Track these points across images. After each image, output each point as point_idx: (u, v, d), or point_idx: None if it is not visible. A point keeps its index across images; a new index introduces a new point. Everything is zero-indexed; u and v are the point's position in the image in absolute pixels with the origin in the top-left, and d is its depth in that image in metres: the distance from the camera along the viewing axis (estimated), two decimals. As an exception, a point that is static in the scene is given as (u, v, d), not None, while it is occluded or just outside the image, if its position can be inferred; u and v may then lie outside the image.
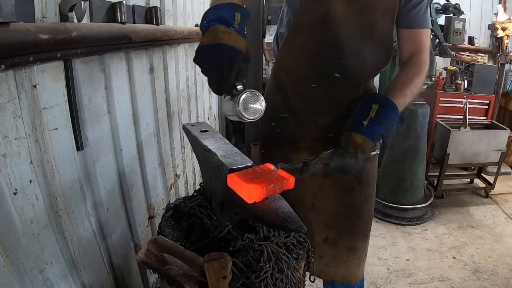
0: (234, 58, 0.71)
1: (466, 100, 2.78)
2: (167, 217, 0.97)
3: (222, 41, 0.71)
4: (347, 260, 1.24)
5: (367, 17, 0.98)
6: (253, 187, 0.68)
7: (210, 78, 0.74)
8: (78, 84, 0.90)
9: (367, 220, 1.24)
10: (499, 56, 3.59)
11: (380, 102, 0.90)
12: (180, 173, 1.78)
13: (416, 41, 1.05)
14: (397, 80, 1.02)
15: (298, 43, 1.05)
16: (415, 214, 2.67)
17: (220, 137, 0.98)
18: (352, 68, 1.03)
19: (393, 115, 0.90)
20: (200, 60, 0.73)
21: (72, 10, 0.81)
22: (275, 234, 0.88)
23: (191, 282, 0.75)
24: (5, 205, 0.68)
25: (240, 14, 0.75)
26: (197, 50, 0.73)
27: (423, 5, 1.02)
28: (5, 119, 0.68)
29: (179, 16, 1.70)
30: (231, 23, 0.73)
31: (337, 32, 0.98)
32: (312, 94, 1.08)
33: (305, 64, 1.06)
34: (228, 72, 0.71)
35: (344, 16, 0.97)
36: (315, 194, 1.18)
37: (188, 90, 1.88)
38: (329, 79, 1.05)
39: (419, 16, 1.02)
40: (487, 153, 2.85)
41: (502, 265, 2.20)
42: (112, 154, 1.11)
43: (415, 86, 0.99)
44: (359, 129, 0.88)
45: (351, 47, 1.00)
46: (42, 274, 0.78)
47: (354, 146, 0.87)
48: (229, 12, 0.74)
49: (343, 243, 1.22)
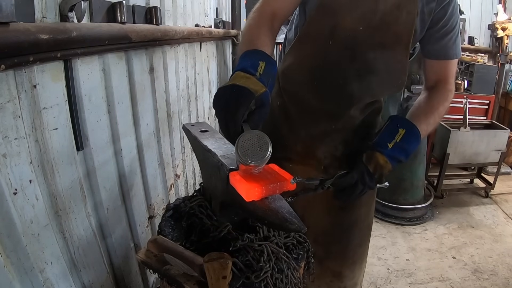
0: (243, 97, 0.66)
1: (466, 100, 2.78)
2: (167, 217, 0.97)
3: (237, 82, 0.67)
4: (330, 284, 1.18)
5: (377, 37, 0.92)
6: (252, 186, 0.68)
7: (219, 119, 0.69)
8: (78, 84, 0.90)
9: (357, 246, 1.18)
10: (499, 56, 3.59)
11: (407, 128, 0.87)
12: (180, 173, 1.78)
13: (443, 72, 1.00)
14: (423, 107, 0.98)
15: (303, 51, 1.00)
16: (415, 214, 2.67)
17: (220, 137, 0.98)
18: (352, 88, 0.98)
19: (416, 144, 0.88)
20: (214, 102, 0.69)
21: (72, 10, 0.81)
22: (275, 234, 0.88)
23: (191, 282, 0.75)
24: (5, 205, 0.68)
25: (264, 64, 0.72)
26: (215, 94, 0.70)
27: (454, 35, 0.94)
28: (5, 119, 0.68)
29: (179, 16, 1.70)
30: (252, 72, 0.70)
31: (343, 47, 0.93)
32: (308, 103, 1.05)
33: (306, 73, 1.02)
34: (235, 110, 0.65)
35: (352, 33, 0.92)
36: (305, 207, 1.11)
37: (188, 90, 1.88)
38: (326, 92, 1.01)
39: (450, 46, 0.96)
40: (487, 153, 2.85)
41: (502, 265, 2.20)
42: (112, 154, 1.11)
43: (438, 115, 0.97)
44: (384, 150, 0.85)
45: (355, 66, 0.95)
46: (42, 274, 0.78)
47: (375, 165, 0.85)
48: (253, 61, 0.72)
49: (328, 265, 1.16)
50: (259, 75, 0.71)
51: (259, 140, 0.65)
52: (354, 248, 1.18)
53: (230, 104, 0.66)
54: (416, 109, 0.99)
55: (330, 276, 1.18)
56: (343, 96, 1.01)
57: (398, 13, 0.90)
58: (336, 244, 1.16)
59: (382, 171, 0.86)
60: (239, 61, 0.74)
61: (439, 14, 0.92)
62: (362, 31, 0.91)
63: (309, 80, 1.02)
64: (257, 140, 0.65)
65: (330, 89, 1.00)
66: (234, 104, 0.65)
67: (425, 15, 0.93)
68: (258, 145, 0.64)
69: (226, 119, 0.66)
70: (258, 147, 0.64)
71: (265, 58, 0.74)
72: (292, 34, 1.11)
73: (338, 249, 1.16)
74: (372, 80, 0.97)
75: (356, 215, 1.15)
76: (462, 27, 3.02)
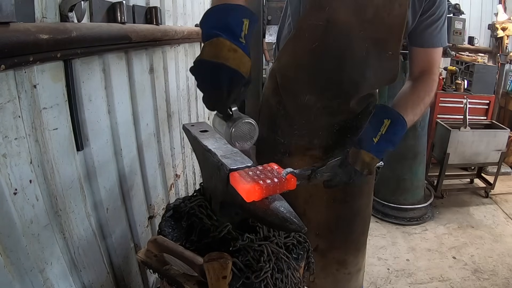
0: (235, 83, 0.64)
1: (466, 100, 2.78)
2: (167, 217, 0.97)
3: (226, 62, 0.62)
4: (336, 274, 1.21)
5: (371, 30, 0.94)
6: (253, 187, 0.68)
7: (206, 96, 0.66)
8: (78, 84, 0.90)
9: (360, 234, 1.21)
10: (499, 56, 3.60)
11: (392, 118, 0.87)
12: (180, 173, 1.78)
13: (428, 60, 1.02)
14: (409, 97, 0.99)
15: (298, 47, 0.99)
16: (415, 214, 2.67)
17: (220, 137, 0.98)
18: (348, 81, 1.00)
19: (402, 134, 0.88)
20: (198, 75, 0.65)
21: (72, 10, 0.81)
22: (275, 234, 0.88)
23: (191, 282, 0.75)
24: (5, 205, 0.68)
25: (248, 22, 0.64)
26: (196, 62, 0.64)
27: (440, 23, 0.97)
28: (5, 119, 0.68)
29: (179, 16, 1.70)
30: (237, 35, 0.63)
31: (337, 42, 0.95)
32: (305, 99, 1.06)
33: (301, 69, 1.02)
34: (227, 96, 0.64)
35: (346, 27, 0.93)
36: (307, 201, 1.15)
37: (188, 90, 1.88)
38: (323, 87, 1.03)
39: (434, 35, 0.98)
40: (487, 153, 2.85)
41: (502, 265, 2.20)
42: (112, 154, 1.11)
43: (424, 105, 0.98)
44: (368, 147, 0.86)
45: (350, 59, 0.96)
46: (42, 274, 0.78)
47: (362, 164, 0.86)
48: (237, 19, 0.63)
49: (333, 255, 1.19)
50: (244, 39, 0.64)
51: (249, 128, 0.72)
52: (358, 237, 1.20)
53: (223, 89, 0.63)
54: (402, 99, 0.99)
55: (335, 265, 1.20)
56: (339, 90, 1.02)
57: (391, 6, 0.92)
58: (339, 235, 1.18)
59: (369, 167, 0.87)
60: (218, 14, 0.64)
61: (429, 4, 0.95)
62: (355, 25, 0.92)
63: (306, 76, 1.03)
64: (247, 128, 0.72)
65: (327, 84, 1.01)
66: (227, 90, 0.63)
67: (416, 6, 0.95)
68: (249, 133, 0.73)
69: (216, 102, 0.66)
70: (247, 132, 0.72)
71: (248, 15, 0.65)
72: (286, 31, 1.12)
73: (341, 239, 1.19)
74: (367, 73, 0.99)
75: (357, 206, 1.17)
76: (462, 27, 3.01)
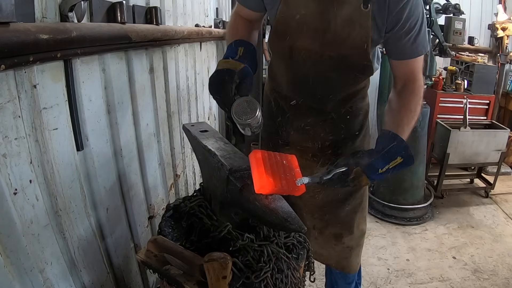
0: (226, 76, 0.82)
1: (466, 100, 2.78)
2: (167, 217, 0.97)
3: (219, 67, 0.84)
4: (335, 247, 1.30)
5: (332, 50, 0.98)
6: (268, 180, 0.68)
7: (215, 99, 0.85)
8: (78, 84, 0.90)
9: (351, 212, 1.27)
10: (499, 56, 3.60)
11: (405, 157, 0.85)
12: (180, 173, 1.78)
13: (409, 70, 1.00)
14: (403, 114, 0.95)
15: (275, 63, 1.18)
16: (415, 214, 2.67)
17: (220, 137, 0.98)
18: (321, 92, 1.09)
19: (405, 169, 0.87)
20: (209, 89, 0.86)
21: (72, 10, 0.81)
22: (275, 234, 0.88)
23: (191, 282, 0.75)
24: (5, 205, 0.68)
25: (243, 48, 0.89)
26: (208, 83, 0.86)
27: (413, 34, 0.94)
28: (5, 119, 0.68)
29: (179, 16, 1.70)
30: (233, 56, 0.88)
31: (303, 63, 1.03)
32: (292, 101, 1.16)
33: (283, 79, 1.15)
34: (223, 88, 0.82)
35: (307, 52, 1.01)
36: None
37: (188, 90, 1.88)
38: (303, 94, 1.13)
39: (408, 46, 0.95)
40: (487, 153, 2.85)
41: (502, 265, 2.20)
42: (112, 154, 1.11)
43: (417, 114, 0.97)
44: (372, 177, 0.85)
45: (318, 76, 1.04)
46: (42, 274, 0.78)
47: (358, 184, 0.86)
48: (234, 48, 0.90)
49: (329, 231, 1.29)
50: (238, 57, 0.87)
51: (249, 103, 0.81)
52: (349, 214, 1.27)
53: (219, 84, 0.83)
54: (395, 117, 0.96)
55: (333, 240, 1.30)
56: (315, 95, 1.11)
57: (350, 29, 0.94)
58: (331, 214, 1.27)
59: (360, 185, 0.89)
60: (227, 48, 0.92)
61: (394, 20, 0.92)
62: (317, 49, 1.00)
63: (288, 85, 1.15)
64: (246, 104, 0.81)
65: (306, 94, 1.12)
66: (222, 84, 0.82)
67: (379, 24, 0.94)
68: (248, 107, 0.81)
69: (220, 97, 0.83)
70: (249, 108, 0.81)
71: (243, 44, 0.90)
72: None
73: (333, 217, 1.27)
74: (338, 80, 1.06)
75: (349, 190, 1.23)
76: (462, 27, 3.00)
